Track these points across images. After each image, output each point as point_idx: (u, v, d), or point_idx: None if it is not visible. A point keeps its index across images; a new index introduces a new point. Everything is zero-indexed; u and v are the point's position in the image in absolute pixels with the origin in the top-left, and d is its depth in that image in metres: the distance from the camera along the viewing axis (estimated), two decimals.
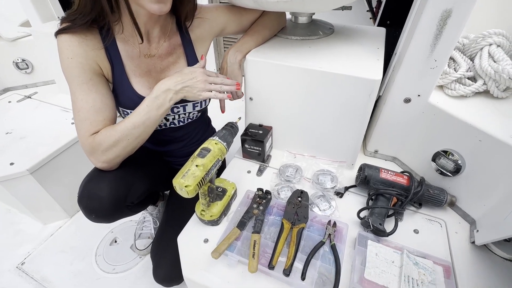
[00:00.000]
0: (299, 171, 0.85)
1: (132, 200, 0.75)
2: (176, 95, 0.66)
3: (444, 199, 0.71)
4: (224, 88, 0.71)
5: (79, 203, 0.67)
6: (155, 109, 0.65)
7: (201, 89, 0.67)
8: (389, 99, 0.79)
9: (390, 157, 0.91)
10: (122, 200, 0.70)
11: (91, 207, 0.67)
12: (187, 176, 0.56)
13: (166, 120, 0.80)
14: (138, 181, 0.76)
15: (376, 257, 0.60)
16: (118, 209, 0.71)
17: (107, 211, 0.68)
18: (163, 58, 0.73)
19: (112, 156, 0.66)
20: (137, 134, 0.65)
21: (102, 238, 1.12)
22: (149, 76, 0.72)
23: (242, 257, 0.62)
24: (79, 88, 0.62)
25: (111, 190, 0.67)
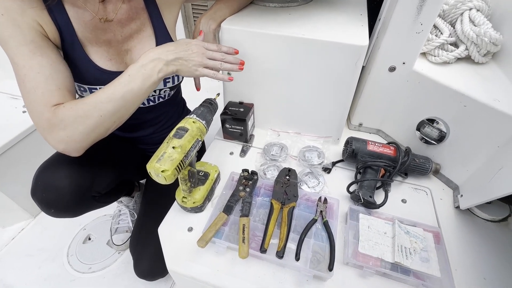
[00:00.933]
0: (284, 149, 0.81)
1: (99, 190, 0.66)
2: (167, 66, 0.55)
3: (429, 168, 0.72)
4: (225, 66, 0.61)
5: (33, 197, 0.58)
6: (139, 80, 0.53)
7: (198, 63, 0.58)
8: (374, 69, 0.76)
9: (375, 130, 0.90)
10: (86, 190, 0.62)
11: (48, 200, 0.58)
12: (163, 159, 0.49)
13: None
14: (105, 168, 0.67)
15: (368, 229, 0.59)
16: (82, 201, 0.62)
17: (69, 203, 0.59)
18: (124, 24, 0.62)
19: (78, 136, 0.51)
20: (112, 110, 0.52)
21: (74, 237, 1.02)
22: (108, 46, 0.61)
23: (231, 243, 0.57)
24: (18, 52, 0.49)
25: (71, 179, 0.59)
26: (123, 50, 0.64)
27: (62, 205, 0.59)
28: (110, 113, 0.53)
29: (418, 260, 0.54)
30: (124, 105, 0.54)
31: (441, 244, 0.57)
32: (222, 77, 0.61)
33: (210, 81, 0.92)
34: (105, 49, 0.61)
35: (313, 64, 0.70)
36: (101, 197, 0.70)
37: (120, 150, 0.78)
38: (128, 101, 0.54)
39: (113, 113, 0.53)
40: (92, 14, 0.58)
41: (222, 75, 0.61)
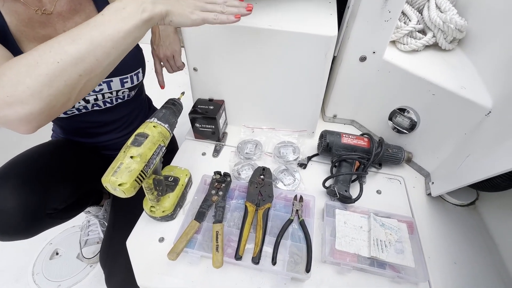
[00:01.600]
0: (258, 146, 0.78)
1: (55, 206, 0.60)
2: (153, 5, 0.42)
3: (402, 157, 0.72)
4: (229, 9, 0.49)
5: None
6: (115, 22, 0.40)
7: (194, 6, 0.46)
8: (345, 59, 0.74)
9: (349, 121, 0.89)
10: (38, 208, 0.56)
11: None
12: (120, 171, 0.44)
13: (86, 102, 0.63)
14: (60, 180, 0.60)
15: (345, 225, 0.59)
16: (35, 221, 0.56)
17: (18, 226, 0.53)
18: (66, 17, 0.54)
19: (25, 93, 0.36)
20: (76, 54, 0.38)
21: (39, 253, 0.94)
22: None
23: (205, 252, 0.54)
24: None
25: (18, 198, 0.52)
26: None
27: (11, 228, 0.52)
28: (73, 58, 0.37)
29: (393, 252, 0.54)
30: (93, 52, 0.39)
31: (415, 233, 0.58)
32: (226, 19, 0.48)
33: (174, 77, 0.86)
34: None
35: (282, 56, 0.67)
36: (60, 213, 0.64)
37: (80, 159, 0.72)
38: (99, 47, 0.39)
39: (77, 60, 0.38)
40: (25, 7, 0.50)
41: (226, 17, 0.48)
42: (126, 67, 0.64)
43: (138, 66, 0.67)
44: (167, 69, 0.75)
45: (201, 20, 0.47)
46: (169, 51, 0.70)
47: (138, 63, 0.67)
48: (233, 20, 0.49)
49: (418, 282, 0.53)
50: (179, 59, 0.73)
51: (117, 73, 0.62)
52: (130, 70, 0.65)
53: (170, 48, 0.69)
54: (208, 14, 0.47)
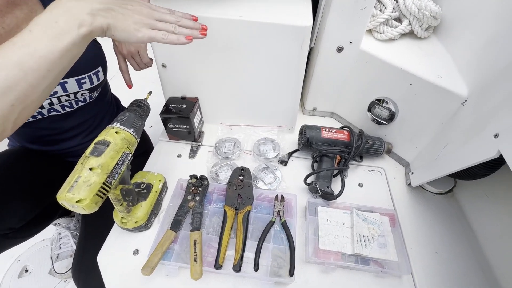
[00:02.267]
0: (237, 144, 0.75)
1: (10, 225, 0.54)
2: (92, 18, 0.36)
3: (382, 148, 0.71)
4: (181, 30, 0.44)
5: None
6: (47, 39, 0.34)
7: (141, 22, 0.40)
8: (322, 50, 0.71)
9: (329, 113, 0.87)
10: None
11: None
12: (78, 186, 0.40)
13: (40, 108, 0.56)
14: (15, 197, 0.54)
15: (327, 223, 0.57)
16: None
17: None
18: (3, 12, 0.47)
19: None
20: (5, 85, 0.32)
21: (6, 271, 0.87)
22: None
23: (183, 263, 0.51)
24: None
25: None
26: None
27: None
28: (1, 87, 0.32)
29: (377, 247, 0.54)
30: (24, 78, 0.33)
31: (397, 226, 0.58)
32: (176, 39, 0.43)
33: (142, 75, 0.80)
34: None
35: (256, 49, 0.63)
36: (18, 232, 0.57)
37: (39, 169, 0.65)
38: (31, 71, 0.33)
39: (5, 89, 0.32)
40: None
41: (176, 37, 0.43)
42: (83, 66, 0.57)
43: (97, 64, 0.61)
44: (133, 66, 0.69)
45: (147, 38, 0.41)
46: (133, 46, 0.64)
47: (96, 61, 0.60)
48: (184, 41, 0.44)
49: (401, 275, 0.53)
50: (145, 55, 0.67)
51: (72, 73, 0.56)
52: (87, 70, 0.58)
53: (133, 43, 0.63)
54: (157, 32, 0.42)
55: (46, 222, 0.72)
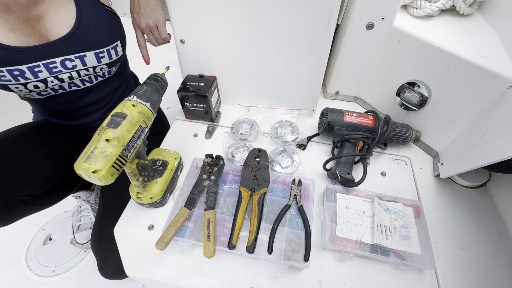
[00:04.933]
0: (254, 126, 0.72)
1: (30, 192, 0.55)
2: None
3: (409, 136, 0.66)
4: None
5: None
6: None
7: None
8: (350, 27, 0.66)
9: (352, 97, 0.82)
10: (8, 195, 0.51)
11: None
12: (94, 157, 0.39)
13: (60, 81, 0.56)
14: (34, 165, 0.55)
15: (346, 210, 0.54)
16: (7, 208, 0.52)
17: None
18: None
19: None
20: None
21: (32, 238, 0.92)
22: (7, 13, 0.46)
23: (196, 241, 0.51)
24: None
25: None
26: (31, 17, 0.49)
27: None
28: None
29: (398, 238, 0.50)
30: None
31: (421, 218, 0.54)
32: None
33: (160, 51, 0.78)
34: (2, 17, 0.46)
35: (280, 24, 0.59)
36: (37, 199, 0.59)
37: (60, 141, 0.66)
38: None
39: None
40: None
41: None
42: (101, 39, 0.56)
43: (116, 38, 0.59)
44: (151, 41, 0.68)
45: None
46: (151, 20, 0.62)
47: (115, 35, 0.59)
48: None
49: (424, 270, 0.50)
50: (164, 30, 0.65)
51: (91, 47, 0.55)
52: (106, 43, 0.57)
53: (152, 16, 0.61)
54: None
55: (64, 193, 0.75)
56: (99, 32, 0.56)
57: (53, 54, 0.53)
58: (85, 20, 0.54)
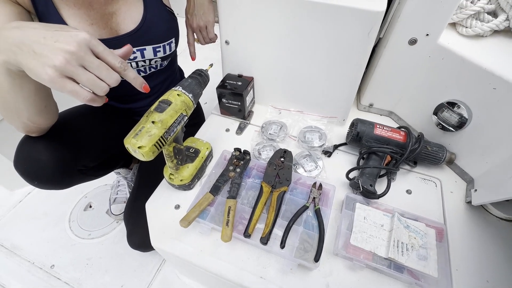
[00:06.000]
0: (283, 128, 0.75)
1: (85, 163, 0.64)
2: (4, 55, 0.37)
3: (442, 157, 0.64)
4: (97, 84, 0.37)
5: (16, 168, 0.56)
6: None
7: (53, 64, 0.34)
8: (392, 41, 0.66)
9: (386, 112, 0.81)
10: (69, 163, 0.60)
11: (30, 172, 0.56)
12: (141, 135, 0.45)
13: None
14: (91, 141, 0.64)
15: (364, 221, 0.55)
16: (67, 174, 0.61)
17: (51, 176, 0.58)
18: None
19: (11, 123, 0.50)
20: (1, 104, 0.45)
21: (76, 204, 1.05)
22: (89, 9, 0.56)
23: (216, 225, 0.55)
24: None
25: (52, 153, 0.57)
26: (107, 13, 0.58)
27: (45, 177, 0.57)
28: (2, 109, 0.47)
29: (415, 257, 0.49)
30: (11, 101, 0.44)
31: (444, 242, 0.52)
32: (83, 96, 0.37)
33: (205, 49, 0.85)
34: (84, 12, 0.55)
35: (320, 33, 0.61)
36: (90, 170, 0.68)
37: (112, 122, 0.76)
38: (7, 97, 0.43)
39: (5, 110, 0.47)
40: None
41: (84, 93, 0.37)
42: (159, 36, 0.64)
43: (171, 36, 0.67)
44: (199, 40, 0.74)
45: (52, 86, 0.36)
46: (203, 21, 0.68)
47: (171, 33, 0.67)
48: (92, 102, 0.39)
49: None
50: (212, 31, 0.71)
51: (151, 42, 0.63)
52: (163, 40, 0.65)
53: (203, 18, 0.68)
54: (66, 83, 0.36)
55: (110, 168, 0.85)
56: (159, 30, 0.63)
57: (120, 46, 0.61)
58: (150, 18, 0.62)
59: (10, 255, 0.92)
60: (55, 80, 0.35)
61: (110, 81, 0.38)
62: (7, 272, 0.89)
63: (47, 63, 0.34)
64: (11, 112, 0.48)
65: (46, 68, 0.34)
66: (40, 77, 0.35)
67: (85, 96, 0.37)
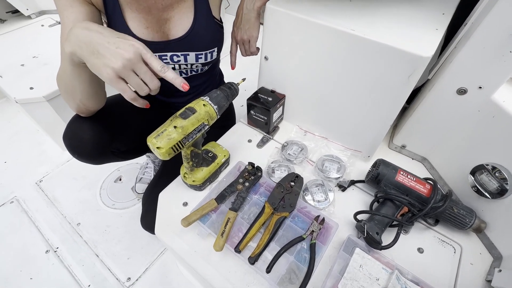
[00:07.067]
0: (304, 151, 0.75)
1: (118, 147, 0.72)
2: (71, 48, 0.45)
3: (469, 223, 0.58)
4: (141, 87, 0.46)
5: (63, 140, 0.66)
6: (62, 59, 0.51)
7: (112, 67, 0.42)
8: (439, 86, 0.61)
9: (420, 157, 0.75)
10: (105, 145, 0.69)
11: (73, 146, 0.66)
12: (161, 137, 0.50)
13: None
14: (126, 129, 0.72)
15: (359, 269, 0.52)
16: (102, 153, 0.70)
17: (89, 153, 0.67)
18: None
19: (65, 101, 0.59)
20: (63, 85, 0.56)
21: (109, 174, 1.18)
22: (147, 13, 0.62)
23: (213, 232, 0.58)
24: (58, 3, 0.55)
25: (93, 134, 0.65)
26: (162, 19, 0.64)
27: (84, 153, 0.67)
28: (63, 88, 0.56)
29: None
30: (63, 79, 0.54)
31: None
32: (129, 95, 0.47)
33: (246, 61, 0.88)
34: (143, 16, 0.62)
35: (358, 66, 0.60)
36: (121, 153, 0.77)
37: (148, 113, 0.83)
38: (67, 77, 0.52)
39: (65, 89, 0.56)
40: None
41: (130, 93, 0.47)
42: (203, 44, 0.69)
43: (214, 45, 0.71)
44: (241, 52, 0.78)
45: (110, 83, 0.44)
46: (247, 35, 0.71)
47: (214, 43, 0.71)
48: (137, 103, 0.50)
49: None
50: (254, 45, 0.74)
51: (194, 49, 0.68)
52: (206, 48, 0.69)
53: (248, 32, 0.71)
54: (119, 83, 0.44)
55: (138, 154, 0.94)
56: (204, 39, 0.68)
57: (168, 49, 0.67)
58: (197, 27, 0.66)
59: (50, 205, 1.08)
60: (112, 79, 0.44)
61: (151, 85, 0.47)
62: (45, 219, 1.04)
63: (108, 65, 0.42)
64: (68, 93, 0.57)
65: (107, 68, 0.42)
66: (101, 74, 0.44)
67: (130, 95, 0.47)
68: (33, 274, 0.90)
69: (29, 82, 1.06)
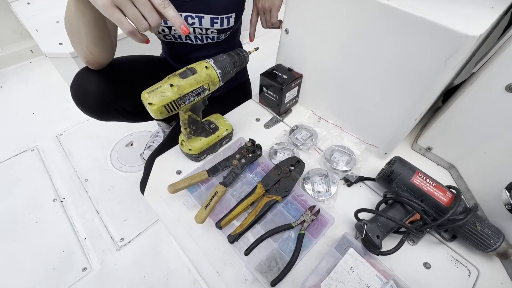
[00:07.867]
0: (313, 137, 0.68)
1: (124, 106, 0.71)
2: None
3: (494, 245, 0.48)
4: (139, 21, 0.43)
5: (70, 90, 0.66)
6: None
7: None
8: (483, 80, 0.51)
9: (446, 163, 0.65)
10: (109, 101, 0.68)
11: (78, 96, 0.66)
12: (155, 92, 0.47)
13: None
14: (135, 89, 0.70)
15: (349, 271, 0.46)
16: (105, 109, 0.69)
17: (92, 106, 0.67)
18: None
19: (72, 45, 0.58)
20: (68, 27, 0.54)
21: (122, 138, 1.20)
22: None
23: (198, 203, 0.55)
24: None
25: (98, 87, 0.65)
26: None
27: (87, 106, 0.66)
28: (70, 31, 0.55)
29: None
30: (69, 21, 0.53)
31: None
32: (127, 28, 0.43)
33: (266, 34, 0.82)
34: None
35: (386, 45, 0.52)
36: (126, 113, 0.76)
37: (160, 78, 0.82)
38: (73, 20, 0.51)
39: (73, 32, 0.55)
40: None
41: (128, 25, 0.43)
42: (219, 7, 0.64)
43: (232, 10, 0.66)
44: (262, 23, 0.72)
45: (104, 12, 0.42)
46: (268, 3, 0.66)
47: (232, 8, 0.66)
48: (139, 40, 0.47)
49: None
50: (276, 15, 0.68)
51: (209, 11, 0.64)
52: (222, 12, 0.65)
53: (270, 0, 0.65)
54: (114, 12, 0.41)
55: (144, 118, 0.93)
56: (220, 2, 0.64)
57: (182, 9, 0.64)
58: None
59: (65, 158, 1.13)
60: (107, 6, 0.41)
61: (150, 20, 0.43)
62: (58, 170, 1.09)
63: None
64: (74, 36, 0.56)
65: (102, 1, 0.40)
66: (96, 1, 0.41)
67: (127, 27, 0.43)
68: (38, 218, 0.95)
69: (60, 38, 1.10)
